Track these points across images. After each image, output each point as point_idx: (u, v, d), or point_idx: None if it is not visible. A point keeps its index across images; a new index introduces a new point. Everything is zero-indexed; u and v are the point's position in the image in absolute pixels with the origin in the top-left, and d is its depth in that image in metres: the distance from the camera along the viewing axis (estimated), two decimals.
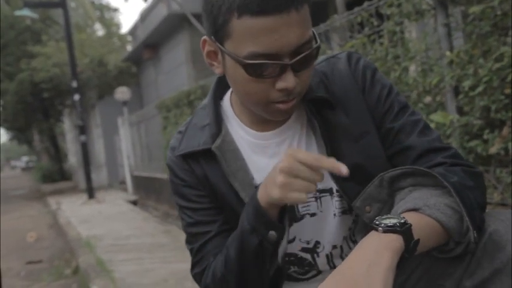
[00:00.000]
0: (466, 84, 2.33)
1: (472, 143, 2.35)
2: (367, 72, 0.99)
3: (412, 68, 2.94)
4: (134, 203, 8.94)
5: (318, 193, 0.99)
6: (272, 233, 0.88)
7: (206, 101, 1.07)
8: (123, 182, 11.74)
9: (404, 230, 0.73)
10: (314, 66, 0.94)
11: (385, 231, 0.73)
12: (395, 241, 0.72)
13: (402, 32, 2.93)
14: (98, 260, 4.00)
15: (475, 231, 0.80)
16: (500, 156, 2.29)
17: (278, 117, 0.94)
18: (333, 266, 1.03)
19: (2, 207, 9.49)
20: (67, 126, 17.38)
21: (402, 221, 0.74)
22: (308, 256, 1.02)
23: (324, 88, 0.97)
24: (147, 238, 4.91)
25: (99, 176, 13.69)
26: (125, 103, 10.54)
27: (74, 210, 8.25)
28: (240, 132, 1.02)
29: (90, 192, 9.64)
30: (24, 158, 51.20)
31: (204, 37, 0.93)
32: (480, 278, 0.83)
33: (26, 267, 4.65)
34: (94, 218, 6.97)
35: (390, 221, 0.74)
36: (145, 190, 9.00)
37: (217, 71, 0.94)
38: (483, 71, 2.25)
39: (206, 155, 1.00)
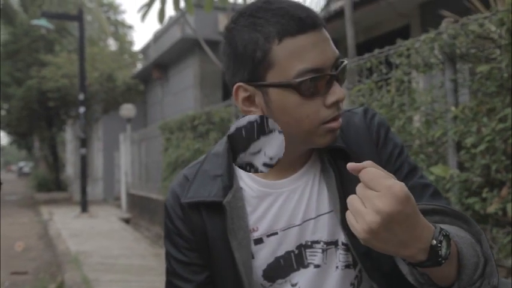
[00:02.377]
0: (469, 141, 2.34)
1: (471, 200, 2.35)
2: (381, 129, 1.00)
3: (416, 118, 2.97)
4: (127, 221, 8.88)
5: (325, 245, 0.98)
6: None
7: (220, 148, 1.03)
8: (117, 198, 11.68)
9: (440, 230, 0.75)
10: None
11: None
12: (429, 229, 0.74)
13: (409, 82, 2.96)
14: (84, 278, 3.95)
15: (497, 277, 0.79)
16: (497, 216, 2.29)
17: (329, 140, 0.92)
18: None
19: None
20: (69, 136, 17.42)
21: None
22: None
23: (341, 139, 0.97)
24: (137, 260, 4.86)
25: (95, 190, 13.64)
26: (129, 120, 10.59)
27: (65, 222, 8.19)
28: (249, 183, 0.99)
29: (84, 206, 9.60)
30: (22, 164, 51.13)
31: (238, 84, 0.90)
32: None
33: (10, 277, 4.59)
34: (85, 232, 6.91)
35: None
36: (139, 209, 8.95)
37: (257, 115, 0.92)
38: (486, 130, 2.27)
39: (211, 207, 0.98)
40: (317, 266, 0.99)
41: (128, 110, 10.71)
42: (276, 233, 0.98)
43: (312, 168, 0.99)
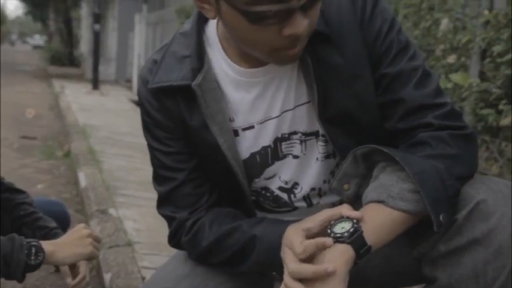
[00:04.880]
0: (496, 49, 2.21)
1: (486, 111, 2.28)
2: (367, 3, 0.88)
3: (445, 21, 2.80)
4: (137, 103, 8.95)
5: (303, 136, 0.94)
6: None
7: (187, 26, 0.95)
8: (129, 80, 11.67)
9: (353, 239, 0.74)
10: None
11: (334, 242, 0.74)
12: (346, 252, 0.73)
13: None
14: (90, 149, 4.04)
15: (441, 215, 0.77)
16: (509, 130, 2.23)
17: (284, 64, 0.85)
18: (309, 203, 1.00)
19: (6, 79, 9.48)
20: (84, 12, 17.00)
21: (352, 229, 0.74)
22: (285, 196, 0.99)
23: (323, 21, 0.86)
24: (143, 139, 4.93)
25: (107, 70, 13.60)
26: (145, 0, 10.23)
27: (76, 96, 8.26)
28: (224, 67, 0.92)
29: (96, 83, 9.63)
30: (37, 37, 50.76)
31: None
32: (456, 244, 0.80)
33: (20, 140, 4.72)
34: (95, 108, 6.99)
35: (342, 227, 0.75)
36: None
37: (210, 14, 0.83)
38: None
39: (184, 92, 0.91)
40: (296, 157, 0.95)
41: None
42: (253, 127, 0.93)
43: None
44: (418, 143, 0.85)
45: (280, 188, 0.98)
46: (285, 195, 0.99)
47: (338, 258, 0.73)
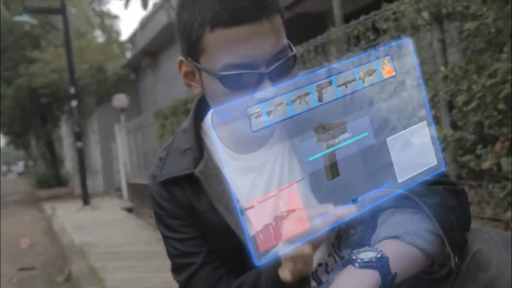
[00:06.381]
0: (460, 99, 2.35)
1: (465, 158, 2.37)
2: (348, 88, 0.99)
3: (408, 82, 2.96)
4: (129, 210, 8.91)
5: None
6: None
7: (186, 123, 1.04)
8: (118, 189, 11.70)
9: (380, 265, 0.74)
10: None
11: (361, 267, 0.74)
12: (372, 277, 0.73)
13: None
14: (90, 268, 3.98)
15: (456, 257, 0.80)
16: (492, 171, 2.30)
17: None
18: (318, 281, 1.03)
19: None
20: (64, 132, 17.34)
21: (379, 255, 0.75)
22: None
23: None
24: (141, 246, 4.90)
25: (95, 183, 13.65)
26: (122, 110, 10.54)
27: (68, 216, 8.21)
28: (222, 155, 0.99)
29: (86, 199, 9.61)
30: (21, 163, 51.06)
31: (180, 58, 0.92)
32: None
33: (18, 273, 4.63)
34: (88, 224, 6.94)
35: (367, 255, 0.75)
36: (141, 197, 8.98)
37: (196, 91, 0.93)
38: (477, 87, 2.27)
39: (190, 181, 0.98)
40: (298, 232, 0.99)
41: (120, 100, 10.65)
42: (253, 207, 1.00)
43: (280, 138, 0.98)
44: (416, 195, 0.88)
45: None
46: None
47: (365, 282, 0.72)
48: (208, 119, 1.03)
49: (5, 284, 4.20)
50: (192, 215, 0.99)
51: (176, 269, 1.03)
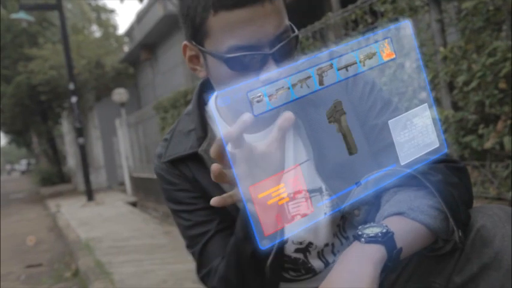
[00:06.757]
0: (460, 79, 2.33)
1: (467, 138, 2.36)
2: (350, 71, 0.98)
3: (407, 64, 2.94)
4: (134, 204, 8.94)
5: (307, 193, 0.99)
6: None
7: (190, 106, 1.06)
8: (122, 184, 11.73)
9: (386, 239, 0.74)
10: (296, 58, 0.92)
11: (367, 242, 0.74)
12: (378, 252, 0.73)
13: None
14: (97, 263, 4.00)
15: (460, 231, 0.80)
16: (495, 150, 2.29)
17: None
18: (325, 262, 1.03)
19: (2, 211, 9.47)
20: (65, 128, 17.36)
21: (384, 230, 0.75)
22: (301, 255, 1.03)
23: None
24: (147, 239, 4.91)
25: (98, 178, 13.69)
26: (122, 104, 10.53)
27: (73, 212, 8.25)
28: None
29: (89, 195, 9.64)
30: (24, 162, 51.15)
31: (184, 42, 0.93)
32: (469, 273, 0.83)
33: (26, 270, 4.65)
34: (93, 220, 6.97)
35: (372, 231, 0.76)
36: (144, 191, 9.00)
37: (201, 74, 0.95)
38: (477, 66, 2.26)
39: (194, 159, 1.00)
40: (304, 215, 0.99)
41: (120, 94, 10.63)
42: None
43: None
44: (419, 173, 0.88)
45: (296, 250, 1.02)
46: (300, 255, 1.02)
47: (371, 256, 0.73)
48: (213, 101, 1.05)
49: (14, 281, 4.22)
50: (198, 189, 1.01)
51: (190, 242, 1.04)
